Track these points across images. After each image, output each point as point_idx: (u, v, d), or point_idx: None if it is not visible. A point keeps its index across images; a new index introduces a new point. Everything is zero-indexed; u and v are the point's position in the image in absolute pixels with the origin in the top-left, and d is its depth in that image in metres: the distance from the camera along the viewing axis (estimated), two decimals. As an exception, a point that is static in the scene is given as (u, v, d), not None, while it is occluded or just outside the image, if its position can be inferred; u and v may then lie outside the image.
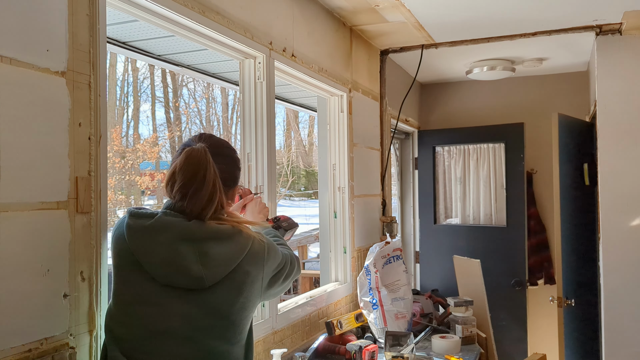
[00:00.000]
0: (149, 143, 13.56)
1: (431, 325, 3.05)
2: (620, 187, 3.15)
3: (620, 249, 3.13)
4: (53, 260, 1.28)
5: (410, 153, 4.51)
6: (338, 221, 3.04)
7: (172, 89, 15.22)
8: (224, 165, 1.41)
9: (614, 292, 3.13)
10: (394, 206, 4.23)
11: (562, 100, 4.28)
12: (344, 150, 3.05)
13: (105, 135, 1.43)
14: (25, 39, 1.23)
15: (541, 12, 2.91)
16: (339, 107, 3.05)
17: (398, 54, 3.65)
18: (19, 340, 1.19)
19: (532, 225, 4.24)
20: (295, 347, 2.45)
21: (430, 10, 2.88)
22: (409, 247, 4.47)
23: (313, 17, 2.70)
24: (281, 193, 15.80)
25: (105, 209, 1.43)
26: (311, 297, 2.69)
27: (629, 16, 2.94)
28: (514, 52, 3.70)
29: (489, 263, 3.66)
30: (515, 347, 3.92)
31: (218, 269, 1.30)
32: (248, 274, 1.35)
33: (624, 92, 3.16)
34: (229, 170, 1.45)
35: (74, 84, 1.35)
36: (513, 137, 4.07)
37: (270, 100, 2.28)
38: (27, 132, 1.22)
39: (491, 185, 4.25)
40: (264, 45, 2.24)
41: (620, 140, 3.16)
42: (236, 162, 1.50)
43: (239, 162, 1.52)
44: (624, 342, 3.10)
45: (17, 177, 1.20)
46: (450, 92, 4.65)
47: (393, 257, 2.92)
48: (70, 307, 1.31)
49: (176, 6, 1.74)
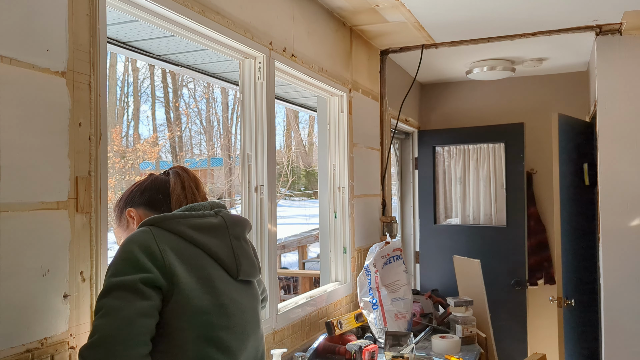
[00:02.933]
0: (149, 143, 13.58)
1: (431, 325, 3.05)
2: (620, 187, 3.15)
3: (620, 249, 3.13)
4: (53, 260, 1.28)
5: (410, 153, 4.51)
6: (338, 221, 3.05)
7: (172, 89, 15.24)
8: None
9: (614, 292, 3.13)
10: (394, 206, 4.23)
11: (562, 100, 4.28)
12: (344, 150, 3.05)
13: (105, 135, 1.43)
14: (25, 39, 1.23)
15: (541, 12, 2.91)
16: (339, 107, 3.05)
17: (398, 54, 3.65)
18: (19, 340, 1.19)
19: (532, 225, 4.24)
20: (295, 347, 2.45)
21: (430, 10, 2.88)
22: (409, 247, 4.47)
23: (313, 17, 2.70)
24: (281, 193, 15.81)
25: (105, 209, 1.44)
26: (311, 297, 2.69)
27: (629, 16, 2.94)
28: (514, 52, 3.70)
29: (489, 263, 3.66)
30: (515, 347, 3.92)
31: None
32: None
33: (624, 92, 3.16)
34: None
35: (74, 84, 1.35)
36: (513, 137, 4.08)
37: (270, 100, 2.28)
38: (27, 132, 1.22)
39: (491, 185, 4.25)
40: (264, 45, 2.24)
41: (620, 140, 3.16)
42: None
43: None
44: (624, 342, 3.10)
45: (17, 177, 1.20)
46: (450, 92, 4.65)
47: (393, 257, 2.92)
48: (70, 307, 1.31)
49: (176, 6, 1.74)
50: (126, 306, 1.13)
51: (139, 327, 1.13)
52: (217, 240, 1.32)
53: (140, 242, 1.22)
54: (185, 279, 1.22)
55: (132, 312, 1.13)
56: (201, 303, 1.23)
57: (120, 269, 1.18)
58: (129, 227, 1.44)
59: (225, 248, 1.34)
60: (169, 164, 14.61)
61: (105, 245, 1.44)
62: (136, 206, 1.43)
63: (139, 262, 1.19)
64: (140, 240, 1.22)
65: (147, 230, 1.25)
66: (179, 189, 1.43)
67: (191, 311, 1.21)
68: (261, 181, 2.26)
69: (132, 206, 1.44)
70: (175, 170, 1.47)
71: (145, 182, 1.47)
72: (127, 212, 1.44)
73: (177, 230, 1.27)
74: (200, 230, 1.30)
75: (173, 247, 1.24)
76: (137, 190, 1.46)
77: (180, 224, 1.29)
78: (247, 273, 1.38)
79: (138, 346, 1.12)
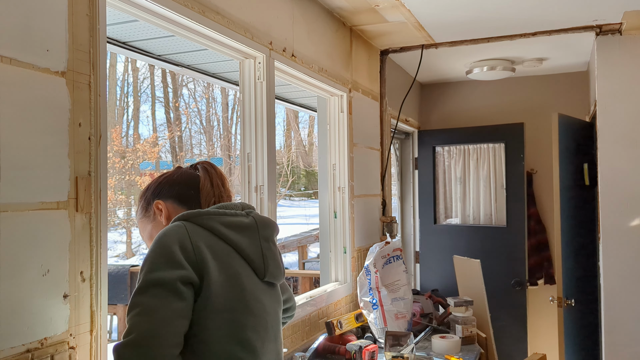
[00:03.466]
0: (149, 143, 13.59)
1: (431, 325, 3.05)
2: (620, 187, 3.15)
3: (620, 249, 3.13)
4: (53, 260, 1.28)
5: (410, 153, 4.51)
6: (338, 221, 3.04)
7: (172, 89, 15.24)
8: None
9: (614, 292, 3.13)
10: (394, 206, 4.23)
11: (562, 100, 4.28)
12: (344, 150, 3.05)
13: (105, 135, 1.43)
14: (25, 39, 1.23)
15: (541, 12, 2.91)
16: (339, 107, 3.05)
17: (398, 54, 3.65)
18: (19, 340, 1.19)
19: (532, 225, 4.24)
20: (295, 347, 2.45)
21: (430, 10, 2.88)
22: (409, 247, 4.47)
23: (313, 17, 2.70)
24: (281, 193, 15.81)
25: (105, 209, 1.44)
26: (311, 297, 2.69)
27: (629, 16, 2.94)
28: (514, 52, 3.70)
29: (489, 263, 3.66)
30: (515, 347, 3.92)
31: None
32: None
33: (624, 92, 3.16)
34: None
35: (74, 84, 1.35)
36: (513, 137, 4.08)
37: (270, 100, 2.28)
38: (27, 132, 1.22)
39: (491, 185, 4.25)
40: (264, 45, 2.24)
41: (620, 140, 3.16)
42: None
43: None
44: (624, 342, 3.10)
45: (17, 177, 1.20)
46: (450, 92, 4.65)
47: (393, 257, 2.92)
48: (70, 307, 1.31)
49: (176, 6, 1.74)
50: (164, 306, 1.14)
51: (175, 327, 1.14)
52: (248, 240, 1.34)
53: (176, 238, 1.22)
54: (215, 276, 1.22)
55: (170, 313, 1.14)
56: (228, 300, 1.24)
57: (157, 265, 1.18)
58: (156, 220, 1.44)
59: (255, 248, 1.35)
60: (169, 164, 14.62)
61: (105, 245, 1.44)
62: (165, 199, 1.43)
63: (175, 257, 1.19)
64: (176, 236, 1.23)
65: (182, 226, 1.26)
66: (208, 185, 1.43)
67: (218, 308, 1.22)
68: (261, 181, 2.26)
69: (160, 198, 1.43)
70: (203, 166, 1.48)
71: (174, 175, 1.47)
72: (155, 204, 1.43)
73: (209, 227, 1.28)
74: (232, 228, 1.31)
75: (206, 244, 1.25)
76: (165, 182, 1.46)
77: (214, 220, 1.30)
78: (273, 275, 1.39)
79: (172, 347, 1.13)
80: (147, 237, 1.46)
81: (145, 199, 1.47)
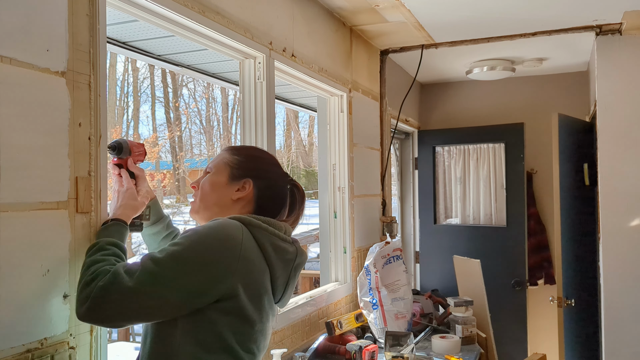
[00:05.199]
0: (148, 143, 13.57)
1: (431, 325, 3.05)
2: (620, 187, 3.15)
3: (620, 249, 3.13)
4: (53, 260, 1.27)
5: (410, 153, 4.51)
6: (338, 221, 3.04)
7: (172, 89, 15.22)
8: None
9: (614, 292, 3.13)
10: (394, 206, 4.23)
11: (562, 100, 4.28)
12: (344, 150, 3.05)
13: (105, 135, 1.43)
14: (25, 39, 1.23)
15: (541, 12, 2.91)
16: (338, 107, 3.05)
17: (398, 54, 3.65)
18: (19, 340, 1.19)
19: (532, 225, 4.24)
20: (295, 347, 2.45)
21: (430, 10, 2.88)
22: (409, 247, 4.47)
23: (313, 17, 2.70)
24: (281, 193, 15.75)
25: (105, 209, 1.44)
26: (311, 297, 2.69)
27: (629, 16, 2.94)
28: (514, 52, 3.70)
29: (489, 263, 3.66)
30: (515, 347, 3.92)
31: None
32: None
33: (624, 92, 3.16)
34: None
35: (74, 84, 1.35)
36: (513, 137, 4.08)
37: (270, 100, 2.28)
38: (27, 132, 1.22)
39: (491, 185, 4.25)
40: (264, 45, 2.24)
41: (620, 140, 3.16)
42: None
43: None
44: (624, 342, 3.10)
45: (17, 177, 1.20)
46: (450, 92, 4.65)
47: (393, 257, 2.92)
48: (70, 307, 1.31)
49: (176, 6, 1.74)
50: (170, 293, 1.17)
51: (146, 314, 1.18)
52: (282, 265, 1.36)
53: (231, 239, 1.23)
54: (246, 290, 1.24)
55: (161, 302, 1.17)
56: (252, 316, 1.27)
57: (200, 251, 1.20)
58: (229, 189, 1.40)
59: (284, 276, 1.37)
60: (169, 164, 14.60)
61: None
62: (255, 185, 1.41)
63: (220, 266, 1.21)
64: (232, 237, 1.24)
65: (240, 230, 1.26)
66: (286, 210, 1.46)
67: (242, 319, 1.24)
68: (261, 181, 2.25)
69: (254, 182, 1.41)
70: (292, 188, 1.47)
71: (274, 177, 1.45)
72: (246, 181, 1.40)
73: (261, 243, 1.30)
74: (277, 252, 1.33)
75: (249, 257, 1.26)
76: (264, 173, 1.44)
77: (266, 239, 1.31)
78: (284, 303, 1.44)
79: (122, 320, 1.17)
80: (209, 191, 1.42)
81: (244, 166, 1.42)
